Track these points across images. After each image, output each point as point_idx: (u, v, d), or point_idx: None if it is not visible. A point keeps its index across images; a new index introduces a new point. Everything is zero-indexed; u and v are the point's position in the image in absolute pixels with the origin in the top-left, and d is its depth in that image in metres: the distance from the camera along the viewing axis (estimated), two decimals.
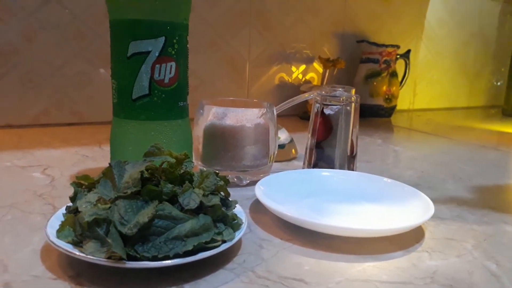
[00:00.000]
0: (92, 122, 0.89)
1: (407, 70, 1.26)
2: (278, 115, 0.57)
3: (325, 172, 0.54)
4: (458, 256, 0.38)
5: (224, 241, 0.33)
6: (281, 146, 0.67)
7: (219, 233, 0.34)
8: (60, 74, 0.85)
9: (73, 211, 0.34)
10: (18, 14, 0.80)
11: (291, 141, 0.70)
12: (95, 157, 0.64)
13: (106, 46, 0.48)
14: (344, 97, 0.56)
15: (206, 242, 0.32)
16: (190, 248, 0.31)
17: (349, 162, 0.58)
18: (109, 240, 0.29)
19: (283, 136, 0.69)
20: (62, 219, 0.34)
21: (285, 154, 0.68)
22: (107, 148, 0.51)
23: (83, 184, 0.37)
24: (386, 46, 1.18)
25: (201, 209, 0.34)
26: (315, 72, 1.19)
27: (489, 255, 0.39)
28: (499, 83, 1.71)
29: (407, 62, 1.25)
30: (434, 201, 0.44)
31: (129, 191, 0.32)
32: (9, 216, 0.41)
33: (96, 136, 0.78)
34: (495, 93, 1.71)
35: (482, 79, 1.66)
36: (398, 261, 0.37)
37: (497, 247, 0.41)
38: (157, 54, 0.45)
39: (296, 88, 1.14)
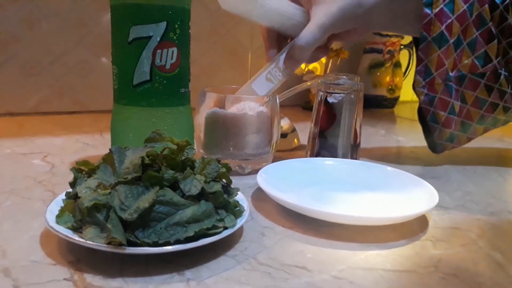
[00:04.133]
0: (94, 111, 0.89)
1: (411, 61, 1.25)
2: (281, 105, 0.56)
3: (328, 161, 0.53)
4: (462, 245, 0.38)
5: (225, 228, 0.33)
6: (284, 136, 0.66)
7: (221, 220, 0.33)
8: (61, 62, 0.84)
9: (72, 197, 0.34)
10: (18, 1, 0.79)
11: (294, 130, 0.69)
12: (96, 145, 0.64)
13: (108, 34, 0.47)
14: (348, 85, 0.55)
15: (208, 229, 0.31)
16: (191, 234, 0.30)
17: (352, 151, 0.57)
18: (109, 226, 0.29)
19: (286, 125, 0.69)
20: (62, 205, 0.34)
21: (287, 143, 0.68)
22: (108, 136, 0.50)
23: (83, 169, 0.36)
24: (390, 36, 1.17)
25: (202, 195, 0.33)
26: (318, 62, 1.18)
27: (494, 244, 0.38)
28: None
29: (411, 52, 1.24)
30: (438, 190, 0.43)
31: (129, 177, 0.32)
32: (9, 202, 0.41)
33: (98, 124, 0.77)
34: None
35: None
36: (401, 250, 0.36)
37: (502, 237, 0.40)
38: (158, 39, 0.44)
39: (298, 78, 1.13)
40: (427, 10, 0.55)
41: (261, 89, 0.54)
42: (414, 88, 0.58)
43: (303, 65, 1.14)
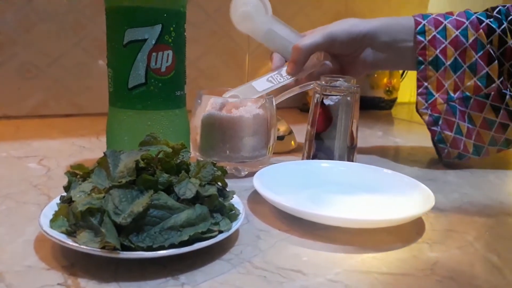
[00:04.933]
0: (91, 114, 0.89)
1: None
2: (278, 107, 0.56)
3: (324, 163, 0.53)
4: (459, 247, 0.38)
5: (221, 232, 0.33)
6: (280, 138, 0.66)
7: (216, 223, 0.33)
8: (58, 65, 0.84)
9: (67, 201, 0.34)
10: (15, 3, 0.79)
11: (291, 132, 0.69)
12: (93, 148, 0.64)
13: (105, 36, 0.47)
14: (344, 87, 0.55)
15: (203, 232, 0.31)
16: (186, 238, 0.30)
17: (349, 154, 0.57)
18: (103, 230, 0.29)
19: (283, 127, 0.68)
20: (56, 209, 0.34)
21: (284, 145, 0.67)
22: (104, 139, 0.50)
23: (77, 173, 0.36)
24: None
25: (197, 199, 0.33)
26: None
27: (490, 247, 0.38)
28: None
29: None
30: (435, 193, 0.43)
31: (123, 181, 0.32)
32: (4, 207, 0.41)
33: (94, 127, 0.77)
34: None
35: None
36: (397, 253, 0.36)
37: (499, 239, 0.40)
38: (153, 42, 0.44)
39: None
40: (420, 38, 0.60)
41: (260, 86, 0.57)
42: (417, 110, 0.62)
43: None
